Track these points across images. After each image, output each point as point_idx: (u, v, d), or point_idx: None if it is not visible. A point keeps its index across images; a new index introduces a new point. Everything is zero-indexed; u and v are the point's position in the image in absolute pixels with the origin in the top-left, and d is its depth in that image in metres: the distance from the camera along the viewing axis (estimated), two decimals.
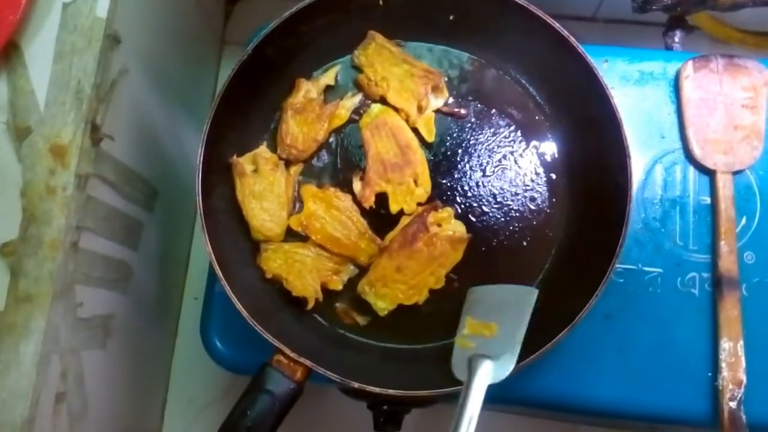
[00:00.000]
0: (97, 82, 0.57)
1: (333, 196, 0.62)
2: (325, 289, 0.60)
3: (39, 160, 0.54)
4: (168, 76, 0.77)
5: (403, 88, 0.63)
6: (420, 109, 0.63)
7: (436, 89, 0.64)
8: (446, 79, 0.65)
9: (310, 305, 0.60)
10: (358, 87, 0.65)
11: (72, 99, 0.55)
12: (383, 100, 0.64)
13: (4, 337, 0.51)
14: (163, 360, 0.88)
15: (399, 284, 0.60)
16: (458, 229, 0.61)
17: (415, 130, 0.64)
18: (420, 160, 0.63)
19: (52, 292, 0.54)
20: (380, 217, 0.62)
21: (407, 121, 0.63)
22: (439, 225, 0.61)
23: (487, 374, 0.52)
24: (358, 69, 0.65)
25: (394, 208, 0.61)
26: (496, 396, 0.63)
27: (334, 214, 0.61)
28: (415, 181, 0.62)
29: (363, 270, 0.61)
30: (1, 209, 0.51)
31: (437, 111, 0.64)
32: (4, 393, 0.51)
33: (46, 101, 0.54)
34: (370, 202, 0.61)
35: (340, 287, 0.61)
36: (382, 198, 0.62)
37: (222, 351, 0.64)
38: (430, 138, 0.63)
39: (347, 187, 0.63)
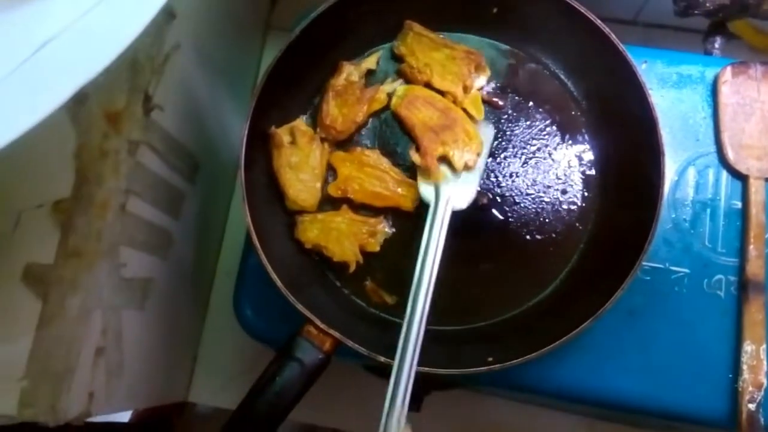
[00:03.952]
0: (152, 54, 0.60)
1: (361, 155, 0.64)
2: (356, 268, 0.62)
3: (93, 124, 0.55)
4: (215, 56, 0.79)
5: (447, 72, 0.64)
6: (465, 89, 0.64)
7: (478, 68, 0.65)
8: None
9: (352, 269, 0.61)
10: (401, 76, 0.66)
11: (128, 68, 0.58)
12: (428, 86, 0.65)
13: (52, 289, 0.53)
14: (195, 328, 0.90)
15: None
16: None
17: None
18: (462, 115, 0.64)
19: (99, 249, 0.56)
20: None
21: (455, 102, 0.64)
22: None
23: (450, 197, 0.58)
24: (398, 59, 0.67)
25: (460, 165, 0.61)
26: (517, 384, 0.64)
27: (367, 171, 0.63)
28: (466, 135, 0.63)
29: (399, 228, 0.63)
30: (55, 169, 0.53)
31: None
32: (48, 342, 0.53)
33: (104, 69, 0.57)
34: (434, 168, 0.60)
35: (377, 248, 0.62)
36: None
37: (253, 321, 0.66)
38: (480, 115, 0.64)
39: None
